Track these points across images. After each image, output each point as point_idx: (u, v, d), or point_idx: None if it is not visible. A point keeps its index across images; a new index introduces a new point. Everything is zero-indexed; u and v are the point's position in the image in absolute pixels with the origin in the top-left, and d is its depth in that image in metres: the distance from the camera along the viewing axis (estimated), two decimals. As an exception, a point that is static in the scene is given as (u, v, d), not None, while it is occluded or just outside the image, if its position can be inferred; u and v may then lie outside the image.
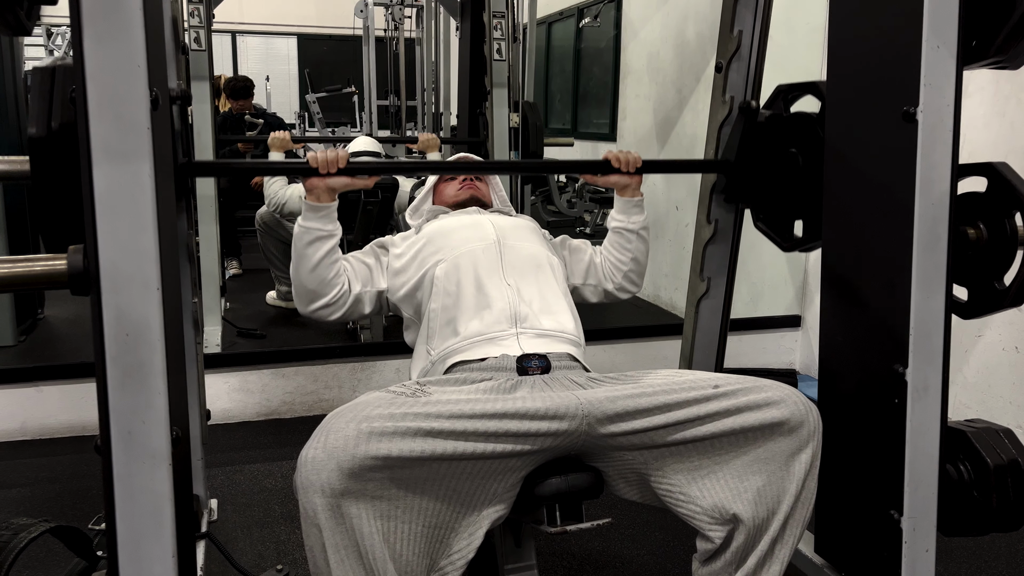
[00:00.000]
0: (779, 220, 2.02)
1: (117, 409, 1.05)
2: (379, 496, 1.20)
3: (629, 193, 1.85)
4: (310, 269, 1.67)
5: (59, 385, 2.84)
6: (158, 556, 1.10)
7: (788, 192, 1.91)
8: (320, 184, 1.65)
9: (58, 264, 1.08)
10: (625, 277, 1.89)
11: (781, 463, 1.35)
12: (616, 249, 1.88)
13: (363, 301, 1.77)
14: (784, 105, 1.95)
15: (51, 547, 1.62)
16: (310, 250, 1.66)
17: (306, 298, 1.71)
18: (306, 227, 1.66)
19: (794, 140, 1.88)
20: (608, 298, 1.92)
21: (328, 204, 1.66)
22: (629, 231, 1.86)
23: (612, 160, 1.81)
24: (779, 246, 2.03)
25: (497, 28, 3.64)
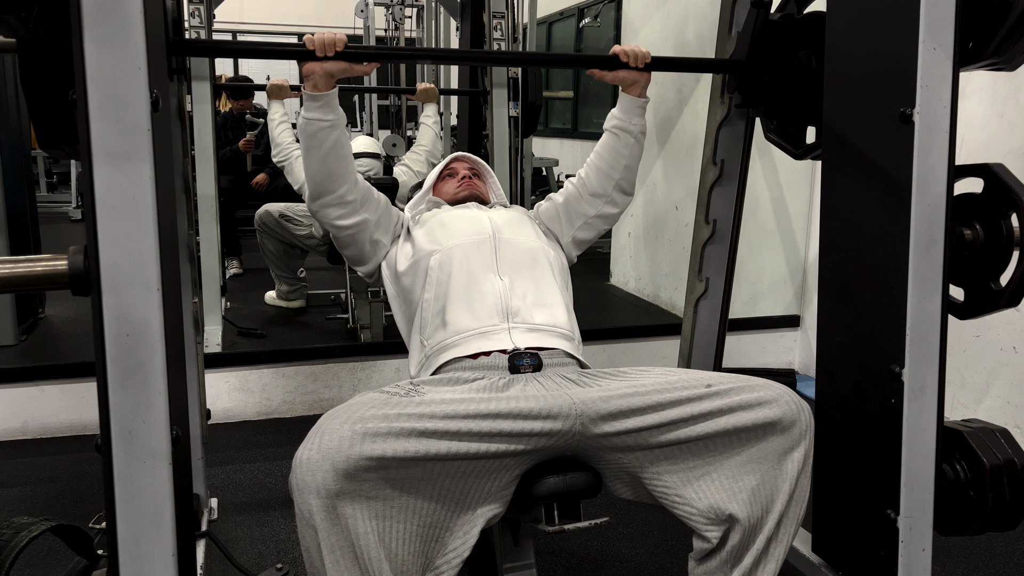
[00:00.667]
0: (791, 127, 1.95)
1: (117, 409, 1.06)
2: (374, 496, 1.21)
3: (636, 91, 1.80)
4: (319, 160, 1.65)
5: (60, 384, 2.85)
6: (158, 555, 1.10)
7: (800, 96, 1.85)
8: (317, 69, 1.60)
9: (59, 265, 1.09)
10: (616, 186, 1.85)
11: (774, 462, 1.36)
12: (609, 154, 1.83)
13: (367, 231, 1.77)
14: (796, 7, 1.88)
15: (52, 546, 1.63)
16: (315, 142, 1.64)
17: (315, 191, 1.69)
18: (308, 118, 1.63)
19: (806, 42, 1.82)
20: (604, 221, 1.88)
21: (327, 92, 1.63)
22: (628, 132, 1.81)
23: (620, 54, 1.75)
24: (791, 154, 1.96)
25: (497, 28, 3.64)
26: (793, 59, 1.85)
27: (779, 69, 1.90)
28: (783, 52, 1.88)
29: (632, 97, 1.81)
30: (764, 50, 1.90)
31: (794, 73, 1.86)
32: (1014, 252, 1.44)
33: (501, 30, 3.65)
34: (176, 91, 1.76)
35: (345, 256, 1.85)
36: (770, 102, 1.98)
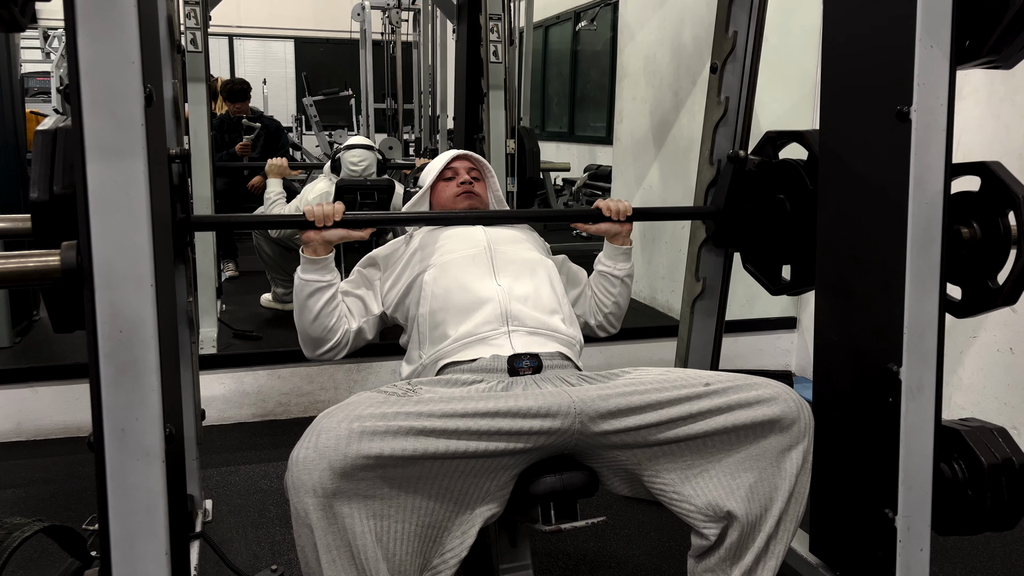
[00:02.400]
0: (767, 264, 2.07)
1: (110, 406, 1.05)
2: (371, 495, 1.20)
3: (619, 241, 1.88)
4: (312, 319, 1.70)
5: (54, 386, 2.84)
6: (152, 554, 1.09)
7: (776, 237, 1.97)
8: (316, 237, 1.68)
9: (51, 260, 1.08)
10: (605, 318, 1.92)
11: (772, 460, 1.36)
12: (600, 291, 1.91)
13: (364, 331, 1.80)
14: (772, 151, 1.99)
15: (45, 547, 1.61)
16: (311, 301, 1.69)
17: (312, 345, 1.75)
18: (305, 279, 1.69)
19: (782, 186, 1.92)
20: (587, 331, 1.93)
21: (325, 256, 1.69)
22: (615, 276, 1.89)
23: (603, 209, 1.85)
24: (767, 289, 2.09)
25: (494, 31, 3.64)
26: (769, 202, 1.96)
27: (755, 213, 2.01)
28: (759, 197, 1.99)
29: (615, 246, 1.89)
30: (741, 197, 2.02)
31: (770, 216, 1.96)
32: (1011, 250, 1.44)
33: (498, 32, 3.65)
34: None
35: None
36: (748, 243, 2.10)
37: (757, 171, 1.99)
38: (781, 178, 1.93)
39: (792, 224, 1.89)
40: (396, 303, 1.78)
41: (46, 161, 1.24)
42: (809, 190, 1.82)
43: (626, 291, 1.91)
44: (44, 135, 1.26)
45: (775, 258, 2.04)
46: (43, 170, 1.24)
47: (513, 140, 3.67)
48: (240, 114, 5.32)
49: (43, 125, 1.28)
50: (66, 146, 1.23)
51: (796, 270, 1.98)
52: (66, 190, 1.22)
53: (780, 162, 1.95)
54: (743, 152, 2.01)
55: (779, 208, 1.92)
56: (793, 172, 1.88)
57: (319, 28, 10.23)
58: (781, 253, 2.00)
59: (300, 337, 1.76)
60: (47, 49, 7.91)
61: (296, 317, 1.74)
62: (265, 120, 5.45)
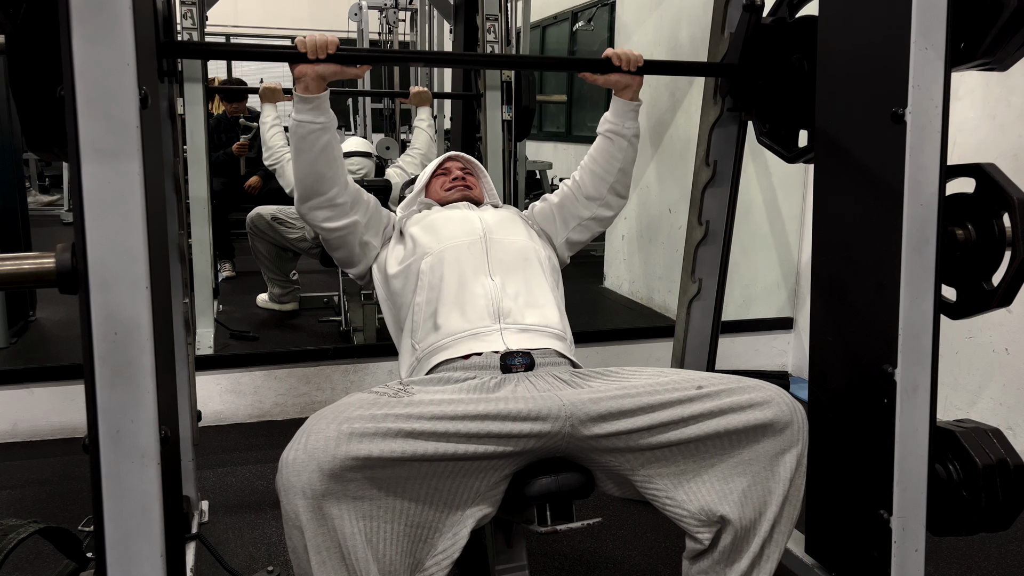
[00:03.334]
0: (783, 130, 1.96)
1: (105, 407, 1.05)
2: (360, 497, 1.20)
3: (628, 95, 1.79)
4: (309, 163, 1.63)
5: (50, 387, 2.83)
6: (147, 555, 1.09)
7: (792, 100, 1.86)
8: (309, 71, 1.58)
9: (46, 262, 1.08)
10: (611, 189, 1.84)
11: (766, 464, 1.35)
12: (603, 158, 1.83)
13: (356, 233, 1.74)
14: (789, 11, 1.89)
15: (40, 548, 1.61)
16: (305, 144, 1.62)
17: (304, 193, 1.67)
18: (299, 120, 1.61)
19: (798, 46, 1.82)
20: (598, 224, 1.87)
21: (318, 95, 1.61)
22: (621, 135, 1.81)
23: (612, 58, 1.74)
24: (783, 157, 1.97)
25: (490, 31, 3.64)
26: (785, 63, 1.86)
27: (771, 73, 1.90)
28: (775, 56, 1.88)
29: (625, 100, 1.80)
30: (756, 54, 1.90)
31: (786, 77, 1.86)
32: (1006, 252, 1.44)
33: (494, 33, 3.65)
34: (167, 93, 1.76)
35: (335, 258, 1.83)
36: (762, 106, 1.98)
37: (772, 29, 1.88)
38: (798, 37, 1.82)
39: (809, 86, 1.76)
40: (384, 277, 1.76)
41: None
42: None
43: (632, 153, 1.83)
44: None
45: (791, 123, 1.92)
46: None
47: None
48: (237, 114, 5.32)
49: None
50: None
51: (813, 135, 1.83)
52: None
53: (797, 20, 1.86)
54: (759, 1, 1.87)
55: (796, 69, 1.82)
56: (811, 30, 1.75)
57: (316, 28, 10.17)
58: (798, 117, 1.89)
59: (296, 189, 1.68)
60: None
61: (292, 163, 1.66)
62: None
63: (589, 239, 1.93)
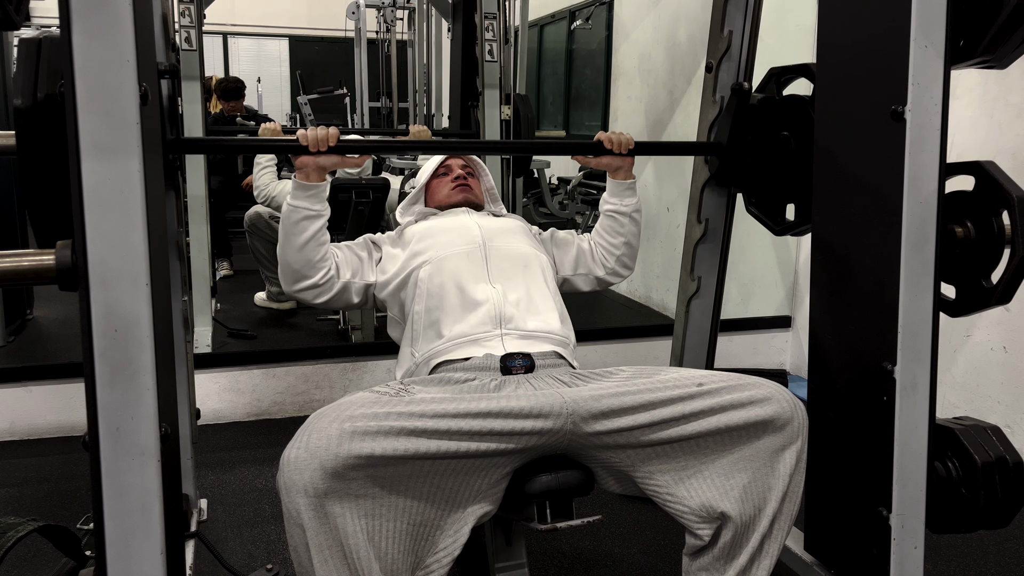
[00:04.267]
0: (771, 204, 2.01)
1: (105, 405, 1.05)
2: (362, 495, 1.20)
3: (622, 175, 1.85)
4: (297, 248, 1.66)
5: (48, 385, 2.83)
6: (146, 553, 1.09)
7: (780, 175, 1.91)
8: (310, 162, 1.63)
9: (46, 259, 1.07)
10: (618, 261, 1.89)
11: (766, 460, 1.36)
12: (608, 233, 1.88)
13: (350, 290, 1.75)
14: (776, 88, 1.94)
15: (39, 547, 1.61)
16: (297, 229, 1.64)
17: (291, 277, 1.70)
18: (295, 206, 1.64)
19: (786, 123, 1.87)
20: (601, 284, 1.91)
21: (318, 184, 1.64)
22: (621, 214, 1.85)
23: (604, 141, 1.81)
24: (771, 230, 2.03)
25: (489, 29, 3.63)
26: (774, 139, 1.91)
27: (759, 150, 1.96)
28: (763, 133, 1.94)
29: (619, 180, 1.86)
30: (745, 133, 1.97)
31: (774, 153, 1.91)
32: (1005, 249, 1.44)
33: (493, 31, 3.65)
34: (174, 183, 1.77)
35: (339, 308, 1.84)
36: (751, 181, 2.04)
37: (761, 107, 1.93)
38: (785, 114, 1.87)
39: (797, 161, 1.82)
40: (391, 291, 1.75)
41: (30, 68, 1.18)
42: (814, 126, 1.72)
43: (636, 228, 1.88)
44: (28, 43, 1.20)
45: (779, 197, 1.97)
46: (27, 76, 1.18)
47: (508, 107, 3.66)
48: (235, 112, 5.31)
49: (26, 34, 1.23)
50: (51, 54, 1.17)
51: (800, 209, 1.92)
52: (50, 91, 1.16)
53: (785, 97, 1.90)
54: (747, 84, 1.94)
55: (783, 145, 1.87)
56: (798, 108, 1.82)
57: (314, 26, 10.19)
58: (785, 192, 1.94)
59: (280, 268, 1.71)
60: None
61: (280, 246, 1.68)
62: (260, 118, 5.44)
63: (583, 289, 1.96)
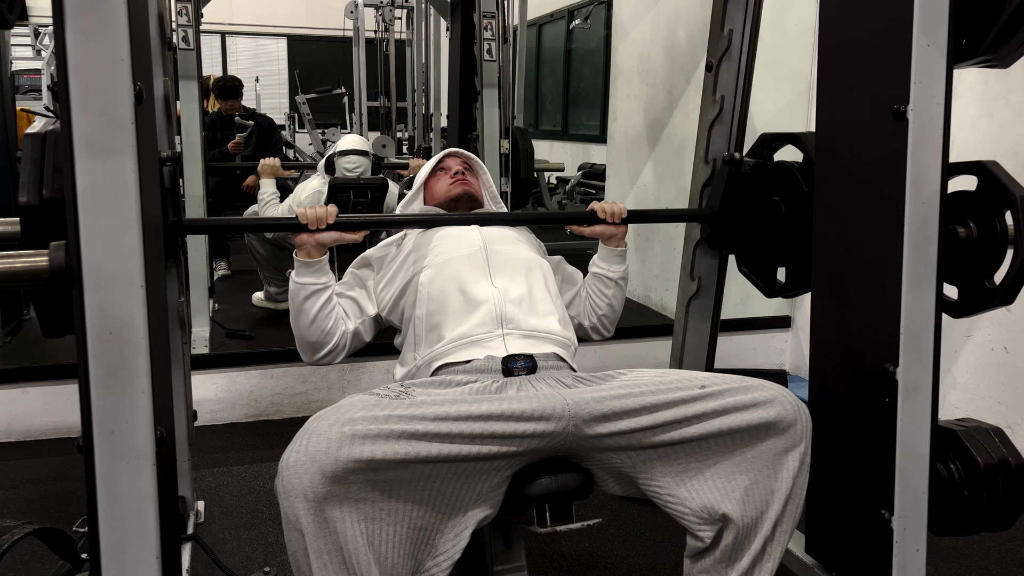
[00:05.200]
0: (762, 267, 2.07)
1: (100, 408, 1.04)
2: (362, 499, 1.19)
3: (614, 243, 1.87)
4: (309, 323, 1.68)
5: (44, 386, 2.82)
6: (142, 557, 1.08)
7: (771, 239, 1.96)
8: (310, 240, 1.66)
9: (39, 260, 1.06)
10: (599, 320, 1.90)
11: (768, 462, 1.35)
12: (594, 292, 1.89)
13: (361, 333, 1.78)
14: (767, 153, 1.98)
15: (35, 549, 1.60)
16: (307, 305, 1.67)
17: (310, 350, 1.73)
18: (300, 283, 1.67)
19: (777, 189, 1.92)
20: (580, 333, 1.91)
21: (319, 259, 1.67)
22: (608, 279, 1.87)
23: (598, 211, 1.83)
24: (763, 292, 2.08)
25: (487, 29, 3.62)
26: (764, 205, 1.95)
27: (751, 215, 2.00)
28: (754, 199, 1.98)
29: (610, 248, 1.87)
30: (736, 200, 2.00)
31: (765, 218, 1.95)
32: (1008, 250, 1.43)
33: (491, 30, 3.63)
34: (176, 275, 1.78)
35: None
36: (743, 245, 2.09)
37: (752, 173, 1.99)
38: (776, 180, 1.92)
39: (787, 226, 1.89)
40: (391, 304, 1.76)
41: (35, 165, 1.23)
42: (804, 192, 1.81)
43: (620, 294, 1.90)
44: (33, 138, 1.24)
45: (770, 260, 2.03)
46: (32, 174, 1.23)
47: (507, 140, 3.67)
48: (232, 112, 5.29)
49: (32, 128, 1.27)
50: (56, 150, 1.21)
51: (791, 272, 1.98)
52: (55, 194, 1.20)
53: (775, 164, 1.95)
54: (738, 154, 2.00)
55: (774, 210, 1.92)
56: (788, 174, 1.88)
57: (312, 26, 10.18)
58: (776, 255, 2.00)
59: (298, 343, 1.74)
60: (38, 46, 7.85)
61: (292, 323, 1.72)
62: (258, 118, 5.42)
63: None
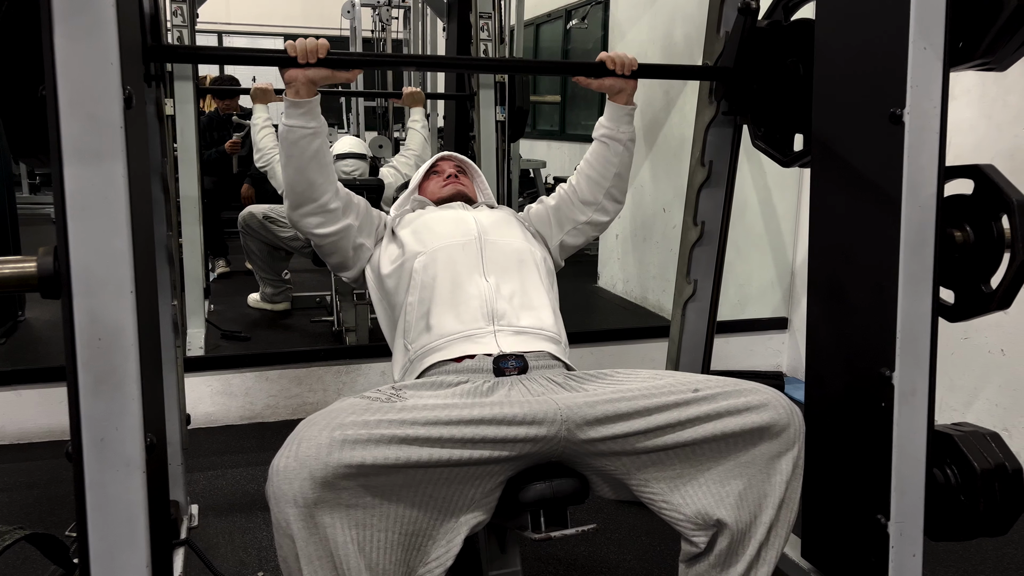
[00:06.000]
0: (778, 134, 1.94)
1: (89, 415, 1.03)
2: (353, 504, 1.18)
3: (623, 99, 1.78)
4: (299, 169, 1.61)
5: (38, 389, 2.80)
6: (132, 566, 1.07)
7: (788, 103, 1.84)
8: (299, 75, 1.57)
9: (27, 266, 1.05)
10: (607, 194, 1.82)
11: (762, 467, 1.34)
12: (599, 163, 1.81)
13: (350, 237, 1.72)
14: (784, 14, 1.88)
15: (27, 554, 1.59)
16: (296, 150, 1.60)
17: (295, 200, 1.65)
18: (289, 125, 1.59)
19: (794, 49, 1.81)
20: (594, 228, 1.85)
21: (309, 99, 1.59)
22: (616, 140, 1.78)
23: (607, 62, 1.72)
24: (778, 161, 1.96)
25: (484, 29, 3.62)
26: (781, 66, 1.84)
27: (767, 76, 1.88)
28: (771, 59, 1.86)
29: (619, 105, 1.78)
30: (752, 57, 1.88)
31: (782, 80, 1.85)
32: (1005, 254, 1.43)
33: (488, 31, 3.63)
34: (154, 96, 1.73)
35: (328, 263, 1.81)
36: (757, 109, 1.96)
37: (768, 32, 1.86)
38: (793, 40, 1.81)
39: (805, 88, 1.75)
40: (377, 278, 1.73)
41: None
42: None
43: (628, 158, 1.81)
44: None
45: (786, 126, 1.90)
46: None
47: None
48: (229, 111, 5.28)
49: None
50: None
51: (808, 138, 1.85)
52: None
53: (793, 22, 1.84)
54: (754, 3, 1.86)
55: (791, 71, 1.81)
56: (806, 32, 1.73)
57: (309, 25, 10.13)
58: (793, 121, 1.87)
59: (285, 193, 1.66)
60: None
61: (282, 168, 1.63)
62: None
63: (584, 243, 1.90)
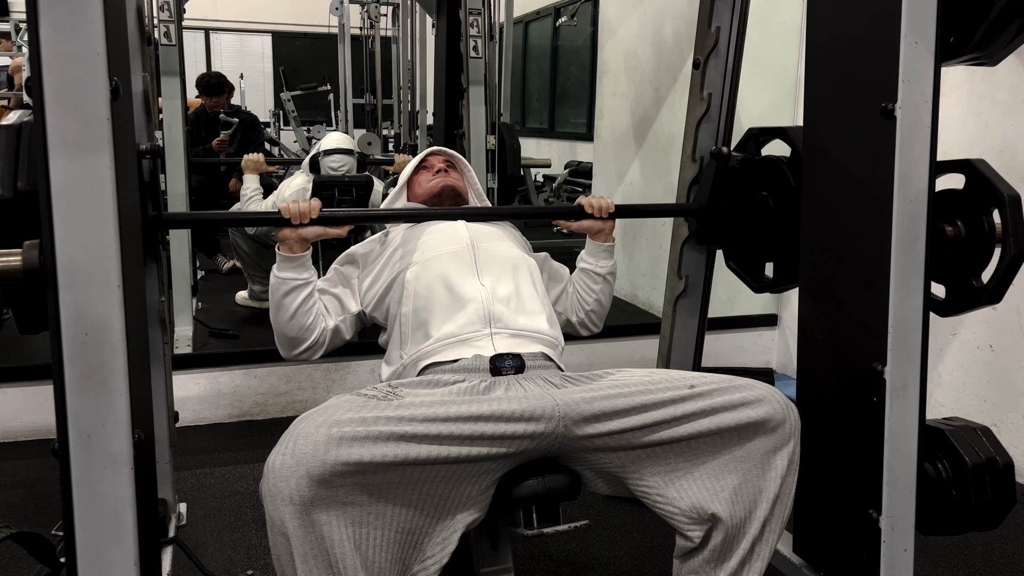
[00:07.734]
0: (750, 262, 2.06)
1: (75, 411, 1.02)
2: (349, 502, 1.17)
3: (601, 238, 1.85)
4: (289, 318, 1.67)
5: (23, 387, 2.77)
6: (120, 564, 1.06)
7: (758, 234, 1.95)
8: (292, 235, 1.64)
9: (12, 260, 1.04)
10: (587, 315, 1.89)
11: (757, 462, 1.34)
12: (582, 288, 1.88)
13: (341, 330, 1.76)
14: (755, 148, 1.98)
15: (13, 553, 1.57)
16: (287, 300, 1.66)
17: (288, 345, 1.72)
18: (282, 278, 1.65)
19: (764, 183, 1.91)
20: (568, 329, 1.90)
21: (301, 254, 1.66)
22: (596, 274, 1.86)
23: (585, 206, 1.82)
24: (750, 287, 2.08)
25: (473, 25, 3.60)
26: (752, 200, 1.95)
27: (738, 210, 2.00)
28: (742, 194, 1.98)
29: (598, 243, 1.86)
30: (723, 194, 2.00)
31: (753, 214, 1.95)
32: (996, 248, 1.43)
33: (477, 27, 3.61)
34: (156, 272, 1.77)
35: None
36: (730, 240, 2.08)
37: (740, 168, 1.98)
38: (764, 175, 1.92)
39: (775, 221, 1.88)
40: (376, 301, 1.74)
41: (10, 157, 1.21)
42: (792, 187, 1.81)
43: (608, 289, 1.89)
44: (7, 130, 1.21)
45: (758, 255, 2.02)
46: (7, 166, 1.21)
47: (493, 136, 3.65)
48: (217, 109, 5.24)
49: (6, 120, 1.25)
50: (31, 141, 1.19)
51: (779, 268, 1.98)
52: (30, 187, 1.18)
53: (763, 159, 1.94)
54: (726, 149, 1.99)
55: (762, 205, 1.92)
56: (776, 169, 1.87)
57: (297, 22, 10.11)
58: (764, 250, 1.99)
59: (276, 337, 1.72)
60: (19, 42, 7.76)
61: (272, 316, 1.70)
62: (242, 115, 5.37)
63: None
